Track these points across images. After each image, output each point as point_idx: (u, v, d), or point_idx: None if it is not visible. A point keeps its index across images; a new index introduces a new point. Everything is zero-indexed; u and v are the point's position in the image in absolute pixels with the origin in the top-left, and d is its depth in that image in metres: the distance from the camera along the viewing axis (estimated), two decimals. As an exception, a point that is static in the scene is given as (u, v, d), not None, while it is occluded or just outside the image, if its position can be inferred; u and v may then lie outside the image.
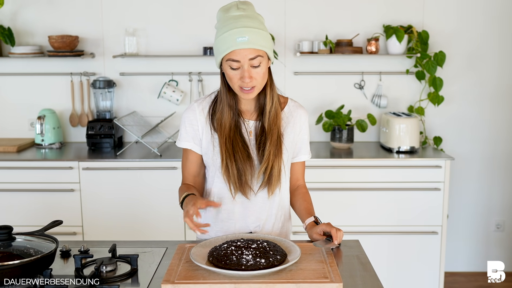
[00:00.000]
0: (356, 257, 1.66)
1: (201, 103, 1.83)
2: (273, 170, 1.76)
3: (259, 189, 1.78)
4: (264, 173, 1.76)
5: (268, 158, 1.75)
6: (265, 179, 1.77)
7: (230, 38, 1.64)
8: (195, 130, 1.81)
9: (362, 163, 3.22)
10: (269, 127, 1.78)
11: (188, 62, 3.62)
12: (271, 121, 1.78)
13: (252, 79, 1.67)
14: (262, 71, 1.69)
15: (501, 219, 3.78)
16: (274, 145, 1.76)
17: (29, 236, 1.63)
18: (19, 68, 3.63)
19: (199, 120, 1.80)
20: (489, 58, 3.63)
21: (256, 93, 1.72)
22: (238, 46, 1.63)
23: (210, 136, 1.79)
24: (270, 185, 1.77)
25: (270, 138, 1.76)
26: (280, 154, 1.78)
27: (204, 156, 1.83)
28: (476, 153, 3.72)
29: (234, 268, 1.46)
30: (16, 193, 3.19)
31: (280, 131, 1.80)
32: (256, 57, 1.66)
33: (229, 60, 1.66)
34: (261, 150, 1.77)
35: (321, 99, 3.65)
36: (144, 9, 3.59)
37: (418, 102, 3.61)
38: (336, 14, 3.59)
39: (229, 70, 1.68)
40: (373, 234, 3.22)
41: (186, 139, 1.82)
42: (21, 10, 3.58)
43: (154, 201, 3.20)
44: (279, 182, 1.79)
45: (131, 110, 3.66)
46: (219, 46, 1.68)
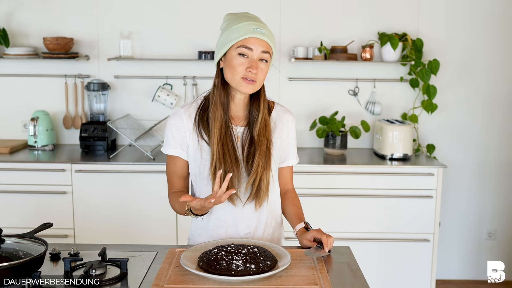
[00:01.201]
0: (346, 264, 1.66)
1: (187, 109, 1.80)
2: (261, 183, 1.74)
3: (246, 201, 1.77)
4: (253, 185, 1.74)
5: (256, 170, 1.73)
6: (253, 191, 1.75)
7: (247, 27, 1.69)
8: (182, 137, 1.78)
9: (355, 170, 3.22)
10: (258, 137, 1.76)
11: (183, 66, 3.62)
12: (261, 132, 1.77)
13: (258, 73, 1.69)
14: (266, 69, 1.73)
15: (493, 227, 3.79)
16: (263, 157, 1.75)
17: (18, 238, 1.62)
18: (13, 69, 3.63)
19: (187, 127, 1.78)
20: (482, 66, 3.65)
21: (254, 89, 1.72)
22: (255, 34, 1.68)
23: (198, 144, 1.77)
24: (258, 198, 1.76)
25: (259, 149, 1.75)
26: (268, 166, 1.76)
27: (191, 164, 1.80)
28: (468, 160, 3.73)
29: (224, 273, 1.46)
30: (8, 194, 3.17)
31: (269, 142, 1.78)
32: (267, 52, 1.71)
33: (242, 47, 1.68)
34: (251, 162, 1.75)
35: (315, 105, 3.66)
36: (140, 13, 3.59)
37: (411, 110, 3.63)
38: (331, 20, 3.61)
39: (237, 58, 1.69)
40: (365, 241, 3.23)
41: (173, 146, 1.79)
42: (16, 11, 3.58)
43: (147, 205, 3.20)
44: (267, 196, 1.78)
45: (125, 113, 3.66)
46: (231, 34, 1.70)
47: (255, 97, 1.79)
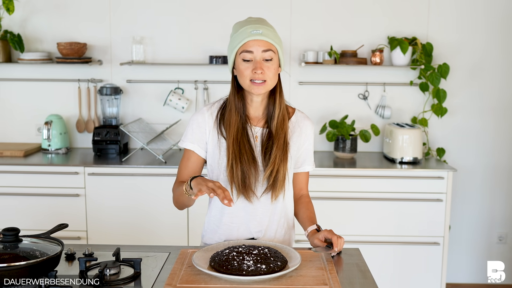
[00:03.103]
0: (355, 265, 1.68)
1: (210, 107, 1.87)
2: (278, 174, 1.79)
3: (263, 193, 1.81)
4: (269, 177, 1.79)
5: (274, 161, 1.78)
6: (269, 183, 1.80)
7: (244, 32, 1.74)
8: (202, 133, 1.84)
9: (365, 173, 3.24)
10: (276, 131, 1.82)
11: (194, 70, 3.66)
12: (278, 126, 1.82)
13: (264, 73, 1.73)
14: (273, 66, 1.76)
15: (504, 231, 3.79)
16: (280, 150, 1.80)
17: (35, 238, 1.66)
18: (28, 74, 3.69)
19: (208, 124, 1.84)
20: (492, 70, 3.65)
21: (266, 89, 1.77)
22: (252, 37, 1.73)
23: (217, 140, 1.83)
24: (274, 190, 1.80)
25: (277, 142, 1.80)
26: (285, 159, 1.81)
27: (209, 159, 1.86)
28: (479, 164, 3.73)
29: (235, 273, 1.48)
30: (22, 197, 3.22)
31: (286, 137, 1.84)
32: (268, 50, 1.74)
33: (243, 52, 1.74)
34: (268, 154, 1.80)
35: (325, 109, 3.68)
36: (152, 18, 3.64)
37: (421, 114, 3.64)
38: (341, 25, 3.63)
39: (242, 63, 1.75)
40: (375, 244, 3.24)
41: (191, 140, 1.85)
42: (31, 17, 3.64)
43: (158, 207, 3.23)
44: (283, 188, 1.82)
45: (137, 117, 3.70)
46: (233, 42, 1.77)
47: (272, 95, 1.83)
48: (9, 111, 3.72)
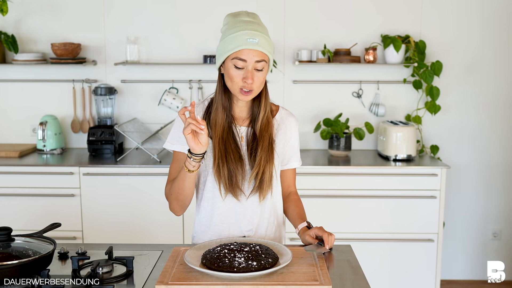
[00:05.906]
0: (347, 261, 1.70)
1: (195, 108, 1.85)
2: (264, 175, 1.80)
3: (250, 194, 1.82)
4: (256, 178, 1.79)
5: (259, 163, 1.78)
6: (256, 184, 1.80)
7: (240, 37, 1.69)
8: None
9: (360, 171, 3.25)
10: (261, 133, 1.82)
11: (189, 70, 3.67)
12: (263, 128, 1.82)
13: (253, 82, 1.71)
14: (262, 76, 1.74)
15: (498, 227, 3.80)
16: (265, 151, 1.80)
17: (28, 237, 1.67)
18: (22, 74, 3.69)
19: None
20: (486, 68, 3.67)
21: (252, 97, 1.76)
22: (248, 46, 1.69)
23: None
24: (261, 190, 1.81)
25: (262, 144, 1.80)
26: (271, 160, 1.81)
27: None
28: (473, 161, 3.75)
29: (226, 270, 1.49)
30: (17, 197, 3.23)
31: (271, 138, 1.83)
32: (261, 61, 1.71)
33: (236, 59, 1.70)
34: (253, 156, 1.80)
35: (319, 107, 3.69)
36: (146, 18, 3.64)
37: (415, 111, 3.65)
38: (335, 23, 3.64)
39: (233, 69, 1.72)
40: (370, 241, 3.25)
41: (180, 142, 1.85)
42: (25, 18, 3.65)
43: (153, 207, 3.24)
44: (271, 187, 1.83)
45: (132, 116, 3.71)
46: (227, 44, 1.72)
47: (257, 97, 1.84)
48: (3, 111, 3.73)
